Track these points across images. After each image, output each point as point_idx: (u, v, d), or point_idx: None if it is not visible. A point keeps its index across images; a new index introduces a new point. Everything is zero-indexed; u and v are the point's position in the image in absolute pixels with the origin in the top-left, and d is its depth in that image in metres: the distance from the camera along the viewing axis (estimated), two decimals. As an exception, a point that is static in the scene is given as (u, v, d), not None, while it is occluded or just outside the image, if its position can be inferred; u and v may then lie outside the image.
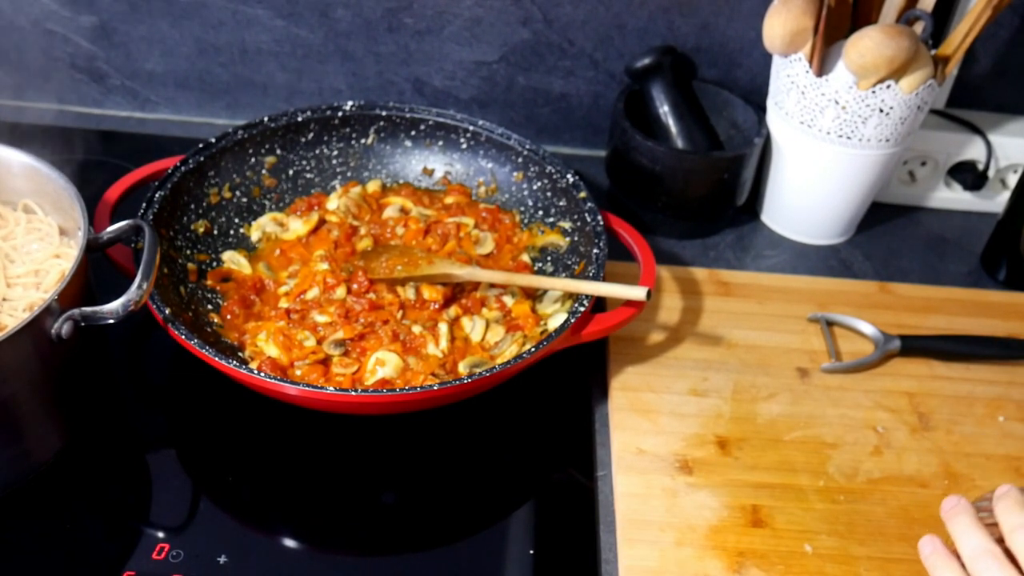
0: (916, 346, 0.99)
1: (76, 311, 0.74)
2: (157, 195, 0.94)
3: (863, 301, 1.05)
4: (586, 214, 0.98)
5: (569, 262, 1.00)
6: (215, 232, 1.01)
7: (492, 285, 0.96)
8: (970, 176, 1.18)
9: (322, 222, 1.03)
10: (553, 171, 1.03)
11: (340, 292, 0.94)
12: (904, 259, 1.15)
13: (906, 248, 1.17)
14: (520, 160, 1.06)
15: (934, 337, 0.99)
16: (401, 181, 1.10)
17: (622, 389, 0.93)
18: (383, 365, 0.87)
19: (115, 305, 0.76)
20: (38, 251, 0.85)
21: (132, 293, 0.76)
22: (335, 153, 1.09)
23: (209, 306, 0.94)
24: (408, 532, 0.81)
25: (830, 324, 1.02)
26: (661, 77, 1.12)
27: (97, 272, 0.85)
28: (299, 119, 1.06)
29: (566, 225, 1.02)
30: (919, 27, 0.99)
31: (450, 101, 1.22)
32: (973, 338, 1.00)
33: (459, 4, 1.14)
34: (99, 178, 0.99)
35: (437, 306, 0.94)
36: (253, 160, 1.05)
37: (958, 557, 0.65)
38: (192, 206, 0.99)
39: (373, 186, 1.08)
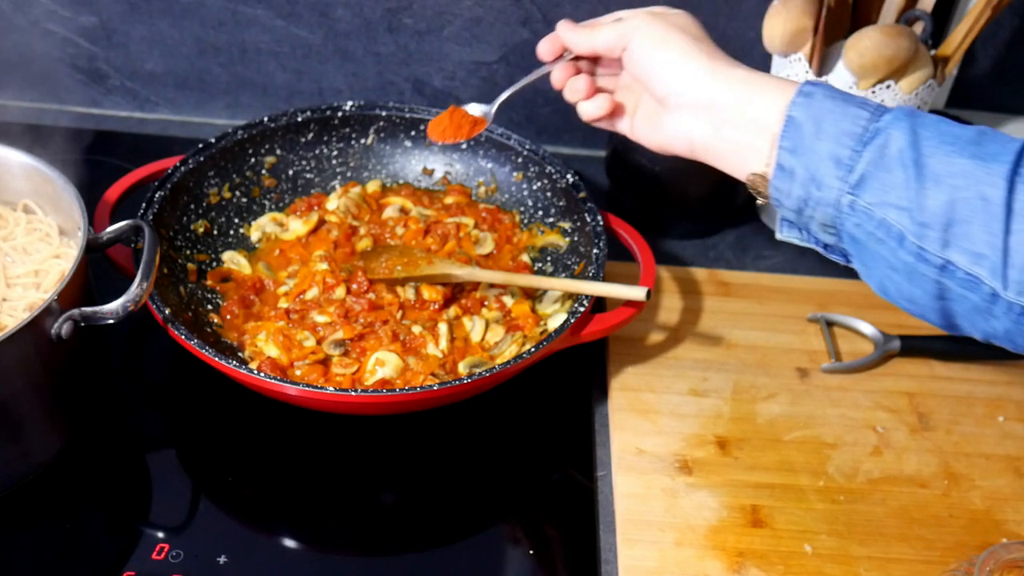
0: (916, 346, 0.99)
1: (76, 311, 0.74)
2: (157, 195, 0.94)
3: (863, 301, 1.05)
4: (586, 214, 0.98)
5: (569, 262, 1.00)
6: (215, 232, 1.01)
7: (492, 285, 0.96)
8: (970, 176, 1.18)
9: (322, 222, 1.03)
10: (553, 171, 1.03)
11: (340, 292, 0.94)
12: (904, 259, 1.15)
13: (906, 248, 1.17)
14: (520, 160, 1.06)
15: (934, 337, 0.99)
16: (401, 181, 1.10)
17: (622, 389, 0.93)
18: (383, 365, 0.87)
19: (115, 305, 0.76)
20: (38, 251, 0.85)
21: (132, 293, 0.76)
22: (335, 153, 1.09)
23: (209, 306, 0.94)
24: (408, 532, 0.81)
25: (830, 324, 1.02)
26: (661, 77, 1.12)
27: (97, 272, 0.85)
28: (299, 119, 1.06)
29: (566, 225, 1.02)
30: (919, 27, 0.99)
31: (450, 101, 1.22)
32: (973, 339, 1.00)
33: (459, 4, 1.14)
34: (99, 178, 0.98)
35: (437, 306, 0.94)
36: (253, 160, 1.05)
37: None
38: (192, 206, 0.99)
39: (373, 186, 1.08)
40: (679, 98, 0.71)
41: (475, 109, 0.84)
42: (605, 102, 0.78)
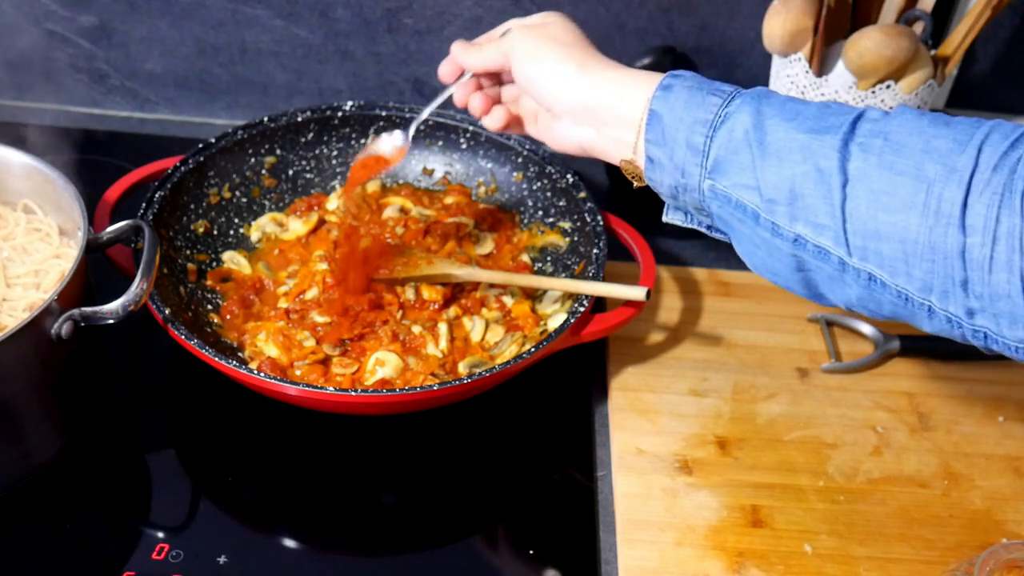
0: (916, 346, 0.99)
1: (76, 311, 0.74)
2: (157, 195, 0.94)
3: (863, 301, 1.05)
4: (586, 214, 0.98)
5: (569, 262, 1.00)
6: (215, 232, 1.01)
7: (492, 285, 0.96)
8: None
9: (322, 222, 1.03)
10: (553, 171, 1.03)
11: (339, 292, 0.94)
12: (904, 259, 1.15)
13: (906, 248, 1.17)
14: (520, 160, 1.06)
15: (934, 337, 0.98)
16: (401, 181, 1.10)
17: (622, 389, 0.93)
18: (383, 365, 0.87)
19: (115, 305, 0.76)
20: (38, 251, 0.85)
21: (132, 293, 0.76)
22: (335, 153, 1.09)
23: (209, 306, 0.94)
24: (408, 532, 0.81)
25: (830, 324, 1.02)
26: (661, 77, 1.12)
27: (97, 272, 0.85)
28: (299, 119, 1.06)
29: (566, 225, 1.02)
30: (919, 27, 0.99)
31: (450, 101, 1.22)
32: (973, 338, 1.00)
33: (459, 4, 1.14)
34: (99, 178, 0.98)
35: (437, 306, 0.94)
36: (253, 160, 1.05)
37: None
38: (192, 206, 0.99)
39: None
40: (559, 107, 0.74)
41: (396, 138, 0.90)
42: (501, 115, 0.83)
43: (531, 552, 0.80)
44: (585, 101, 0.72)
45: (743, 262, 1.10)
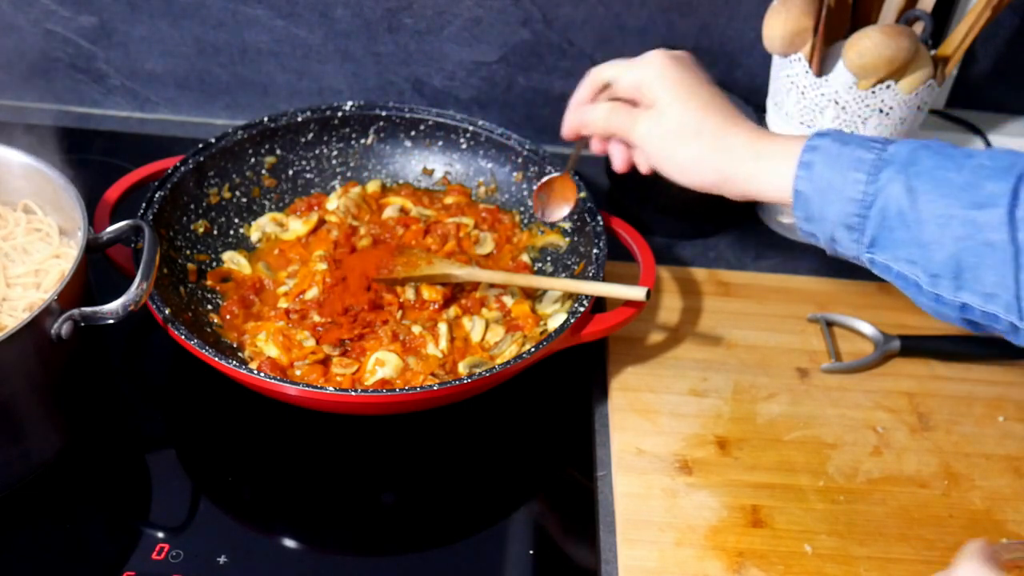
0: (916, 346, 0.99)
1: (76, 311, 0.74)
2: (157, 195, 0.94)
3: (863, 301, 1.05)
4: (586, 214, 0.98)
5: (569, 262, 1.00)
6: (215, 232, 1.01)
7: (492, 285, 0.96)
8: (970, 176, 1.18)
9: (322, 222, 1.03)
10: (553, 171, 1.03)
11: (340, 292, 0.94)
12: (904, 259, 1.15)
13: (906, 248, 1.17)
14: (520, 160, 1.06)
15: (934, 337, 0.99)
16: (401, 181, 1.10)
17: (622, 389, 0.93)
18: (383, 365, 0.87)
19: (115, 305, 0.76)
20: (38, 251, 0.85)
21: (132, 293, 0.76)
22: (335, 153, 1.09)
23: (209, 306, 0.94)
24: (408, 532, 0.82)
25: (830, 324, 1.02)
26: (661, 77, 1.12)
27: (97, 272, 0.85)
28: (299, 119, 1.06)
29: (566, 225, 1.02)
30: (919, 27, 0.99)
31: (450, 101, 1.22)
32: (973, 338, 1.00)
33: (459, 4, 1.14)
34: (99, 178, 0.98)
35: (437, 306, 0.94)
36: (253, 160, 1.05)
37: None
38: (192, 206, 0.99)
39: (373, 186, 1.08)
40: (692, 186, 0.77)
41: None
42: (621, 157, 0.85)
43: (531, 552, 0.80)
44: (722, 185, 0.74)
45: (745, 263, 1.11)
